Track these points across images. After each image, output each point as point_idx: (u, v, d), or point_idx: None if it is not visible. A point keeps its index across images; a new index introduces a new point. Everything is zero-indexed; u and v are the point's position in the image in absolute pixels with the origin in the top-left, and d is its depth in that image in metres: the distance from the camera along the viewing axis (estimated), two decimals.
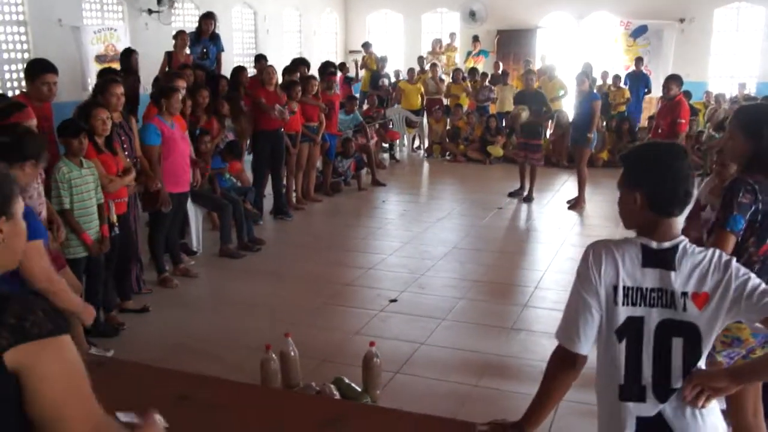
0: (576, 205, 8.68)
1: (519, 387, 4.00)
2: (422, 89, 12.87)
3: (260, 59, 9.28)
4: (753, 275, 1.90)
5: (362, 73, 13.75)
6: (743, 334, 2.74)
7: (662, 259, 1.91)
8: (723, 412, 2.64)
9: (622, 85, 12.69)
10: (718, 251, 1.94)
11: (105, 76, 6.11)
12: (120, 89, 5.11)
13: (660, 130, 7.54)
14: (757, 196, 2.62)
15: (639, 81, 12.63)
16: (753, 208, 2.63)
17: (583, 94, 8.72)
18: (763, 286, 1.87)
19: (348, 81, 12.75)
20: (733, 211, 2.62)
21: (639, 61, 12.83)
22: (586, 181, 8.76)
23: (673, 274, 1.89)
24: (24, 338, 1.31)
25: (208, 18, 8.75)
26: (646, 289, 1.91)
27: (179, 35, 8.37)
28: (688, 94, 9.28)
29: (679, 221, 1.98)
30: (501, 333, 4.88)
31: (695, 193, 2.32)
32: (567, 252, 6.74)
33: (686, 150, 1.99)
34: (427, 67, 13.31)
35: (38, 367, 1.32)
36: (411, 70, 13.05)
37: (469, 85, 12.97)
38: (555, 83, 12.04)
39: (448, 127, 12.67)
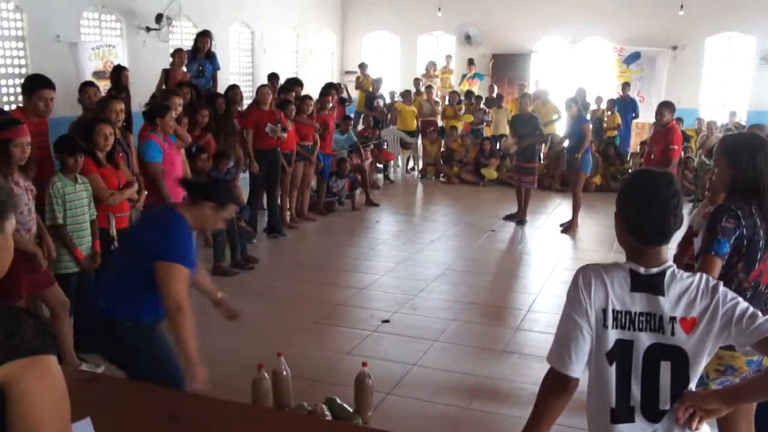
0: (569, 228, 8.71)
1: (511, 410, 3.99)
2: (416, 111, 12.94)
3: (272, 78, 9.33)
4: (741, 300, 1.92)
5: (356, 94, 13.81)
6: (737, 362, 2.75)
7: (650, 284, 1.93)
8: None
9: (603, 109, 12.86)
10: (705, 276, 1.96)
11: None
12: (120, 105, 5.16)
13: (652, 156, 7.58)
14: (740, 221, 2.68)
15: (627, 106, 12.79)
16: (737, 233, 2.68)
17: (573, 119, 8.80)
18: (751, 310, 1.89)
19: (342, 102, 12.82)
20: (717, 235, 2.67)
21: (626, 86, 12.99)
22: (580, 206, 8.79)
23: (661, 298, 1.91)
24: (14, 355, 1.29)
25: (204, 36, 8.80)
26: (635, 313, 1.92)
27: (177, 53, 8.41)
28: (679, 121, 9.36)
29: (665, 248, 1.99)
30: (493, 356, 4.87)
31: (686, 219, 2.33)
32: (560, 275, 6.75)
33: (672, 179, 1.98)
34: (422, 89, 13.39)
35: (22, 385, 1.30)
36: (408, 92, 13.12)
37: (463, 107, 13.05)
38: (549, 107, 12.13)
39: (442, 149, 12.73)
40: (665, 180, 1.96)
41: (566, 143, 9.79)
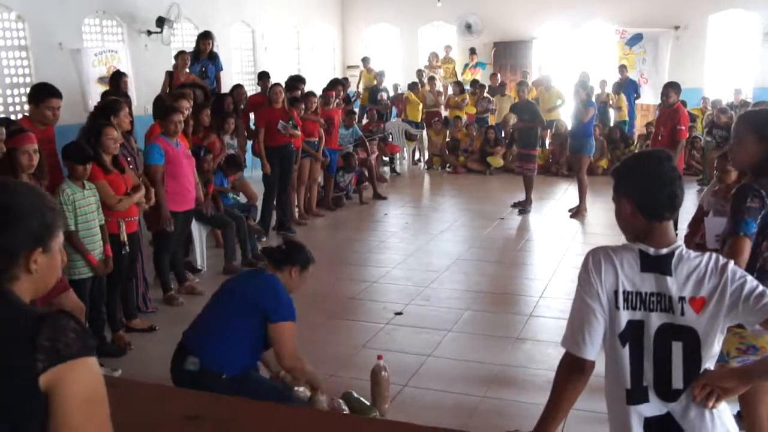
0: (577, 213, 8.71)
1: (527, 397, 3.99)
2: (421, 102, 12.92)
3: (263, 77, 9.34)
4: (749, 278, 1.92)
5: (361, 87, 13.81)
6: (759, 341, 2.72)
7: (659, 265, 1.94)
8: (736, 416, 2.62)
9: (611, 93, 12.80)
10: (714, 255, 1.96)
11: (107, 98, 6.16)
12: (126, 110, 5.18)
13: (660, 138, 7.53)
14: (764, 201, 2.62)
15: (627, 88, 12.73)
16: (762, 212, 2.62)
17: (580, 104, 8.78)
18: (760, 288, 1.88)
19: (348, 100, 12.83)
20: (744, 216, 2.61)
21: (623, 68, 12.94)
22: (587, 189, 8.79)
23: (669, 279, 1.92)
24: (58, 360, 1.33)
25: (205, 38, 8.80)
26: (645, 293, 1.93)
27: (180, 55, 8.42)
28: (683, 102, 9.30)
29: (672, 228, 2.00)
30: (507, 343, 4.87)
31: (696, 199, 2.31)
32: (570, 260, 6.74)
33: (669, 155, 2.03)
34: (425, 80, 13.36)
35: (64, 387, 1.33)
36: (414, 83, 13.11)
37: (467, 97, 13.02)
38: (552, 93, 12.09)
39: (447, 139, 12.71)
40: (664, 156, 2.02)
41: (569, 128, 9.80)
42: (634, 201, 2.00)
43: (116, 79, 7.61)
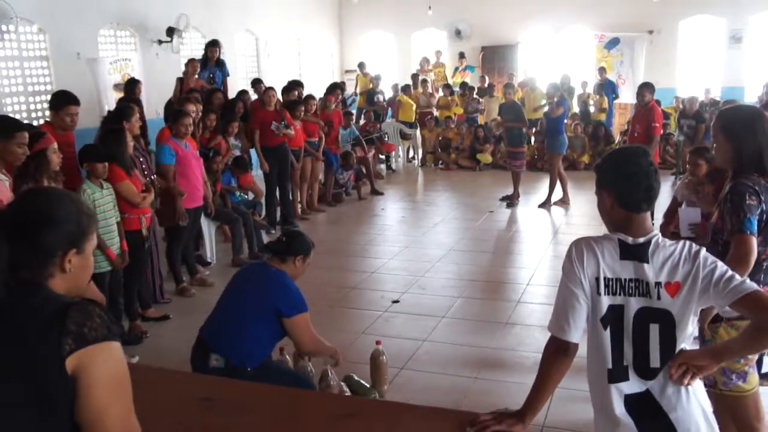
0: (560, 201, 8.88)
1: (516, 377, 4.01)
2: (414, 104, 12.91)
3: (257, 83, 9.31)
4: (720, 263, 1.93)
5: (358, 90, 13.79)
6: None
7: (637, 253, 1.95)
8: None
9: (592, 93, 12.81)
10: (687, 243, 1.97)
11: (122, 103, 6.13)
12: (138, 116, 5.17)
13: (636, 134, 7.54)
14: (760, 197, 2.54)
15: (607, 88, 12.75)
16: (759, 209, 2.53)
17: (552, 104, 8.87)
18: (729, 273, 1.89)
19: (344, 102, 12.81)
20: (746, 214, 2.51)
21: (602, 71, 12.95)
22: (566, 182, 8.96)
23: (646, 266, 1.93)
24: (84, 343, 1.34)
25: (213, 46, 8.77)
26: (625, 279, 1.94)
27: (190, 62, 8.38)
28: (658, 101, 9.29)
29: (650, 219, 2.01)
30: (497, 328, 4.88)
31: (670, 192, 2.29)
32: (555, 250, 6.76)
33: (646, 151, 2.03)
34: (419, 82, 13.34)
35: (90, 369, 1.35)
36: (408, 86, 13.10)
37: (456, 98, 13.03)
38: (537, 94, 12.06)
39: (440, 138, 12.70)
40: (641, 152, 2.03)
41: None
42: (614, 194, 2.00)
43: (131, 86, 7.57)
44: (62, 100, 4.78)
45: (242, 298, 3.33)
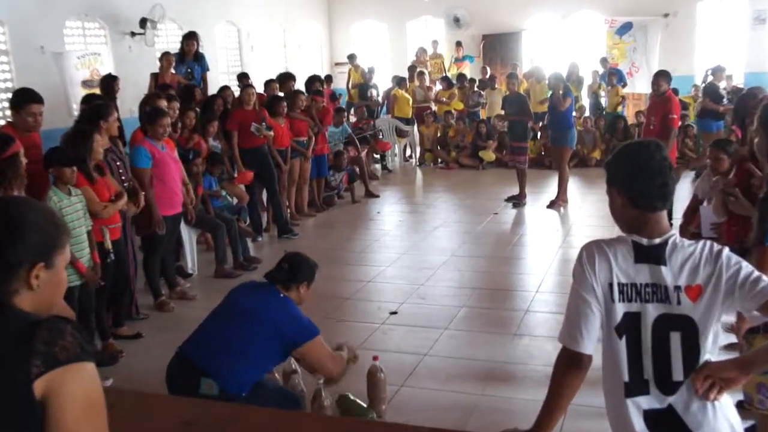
0: (555, 203, 8.81)
1: (525, 393, 4.00)
2: (411, 98, 12.92)
3: (242, 78, 9.32)
4: (745, 263, 1.91)
5: (350, 84, 13.79)
6: None
7: (653, 255, 1.94)
8: (738, 405, 2.59)
9: (600, 82, 12.83)
10: (708, 243, 1.96)
11: (91, 101, 6.12)
12: (116, 115, 5.15)
13: (651, 127, 7.55)
14: None
15: (613, 78, 12.75)
16: None
17: (556, 96, 8.86)
18: (756, 274, 1.88)
19: (334, 96, 12.82)
20: None
21: (604, 61, 12.98)
22: (567, 180, 8.96)
23: (664, 268, 1.92)
24: (55, 364, 1.32)
25: (190, 38, 8.77)
26: (640, 284, 1.93)
27: (164, 56, 8.38)
28: (675, 90, 9.32)
29: (666, 217, 2.00)
30: (504, 340, 4.88)
31: (690, 189, 2.26)
32: (566, 254, 6.76)
33: (660, 145, 2.01)
34: (415, 75, 13.35)
35: (61, 393, 1.33)
36: (403, 79, 13.09)
37: (456, 91, 13.03)
38: (543, 85, 12.08)
39: (438, 134, 12.71)
40: (655, 146, 2.00)
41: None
42: (625, 192, 2.00)
43: (109, 83, 7.50)
44: (24, 99, 4.77)
45: (245, 323, 3.26)
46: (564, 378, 2.02)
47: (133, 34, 9.92)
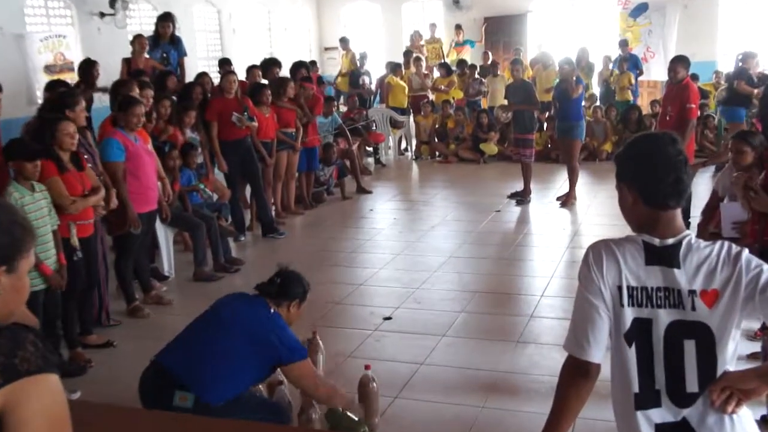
0: (567, 201, 8.81)
1: (530, 406, 4.01)
2: (406, 86, 12.92)
3: (222, 64, 9.31)
4: (766, 267, 1.91)
5: (337, 70, 13.79)
6: None
7: (666, 257, 1.94)
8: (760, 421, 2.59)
9: (612, 68, 12.83)
10: (726, 244, 1.96)
11: (55, 89, 6.08)
12: (83, 104, 5.12)
13: (668, 117, 7.56)
14: None
15: (630, 64, 12.76)
16: None
17: (566, 82, 8.85)
18: None
19: (321, 81, 12.82)
20: None
21: (624, 44, 12.98)
22: (578, 176, 8.98)
23: (677, 271, 1.92)
24: (14, 376, 1.32)
25: (165, 20, 8.74)
26: (651, 288, 1.94)
27: (136, 39, 8.36)
28: (695, 77, 9.35)
29: (680, 215, 2.00)
30: (507, 348, 4.89)
31: (710, 184, 2.28)
32: (574, 255, 6.78)
33: (674, 137, 2.02)
34: (411, 60, 13.35)
35: (22, 407, 1.33)
36: (398, 65, 13.09)
37: (455, 78, 13.03)
38: (550, 72, 12.09)
39: (437, 125, 12.72)
40: (668, 138, 2.00)
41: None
42: (636, 189, 2.00)
43: (87, 68, 7.45)
44: None
45: (229, 334, 3.31)
46: (570, 389, 2.03)
47: (102, 14, 9.90)
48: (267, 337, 3.29)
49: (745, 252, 1.94)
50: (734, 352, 1.95)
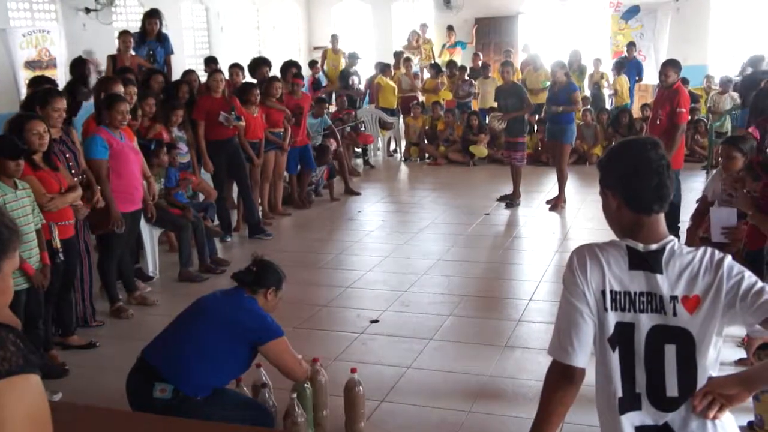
0: (556, 204, 8.85)
1: (517, 411, 4.04)
2: (396, 87, 12.93)
3: (210, 63, 9.29)
4: (748, 273, 1.94)
5: (325, 69, 13.78)
6: None
7: (649, 262, 1.97)
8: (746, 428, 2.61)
9: (609, 72, 12.86)
10: (709, 250, 1.98)
11: (38, 85, 6.04)
12: (63, 103, 5.03)
13: (658, 122, 7.59)
14: None
15: (631, 68, 12.79)
16: None
17: (559, 86, 8.89)
18: (759, 285, 1.90)
19: (318, 85, 12.83)
20: None
21: (631, 46, 12.98)
22: (567, 179, 9.02)
23: (659, 277, 1.95)
24: None
25: (152, 17, 8.71)
26: (634, 293, 1.96)
27: (122, 36, 8.32)
28: (685, 81, 9.40)
29: (662, 219, 2.03)
30: (494, 352, 4.91)
31: (700, 189, 2.30)
32: (563, 259, 6.80)
33: (657, 142, 2.05)
34: (401, 61, 13.36)
35: (1, 408, 1.32)
36: (387, 66, 13.09)
37: (445, 80, 13.04)
38: (540, 74, 12.13)
39: (426, 127, 12.73)
40: (651, 143, 2.04)
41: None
42: (620, 194, 2.03)
43: (78, 66, 7.37)
44: None
45: (207, 322, 3.42)
46: (554, 394, 2.04)
47: (87, 10, 9.85)
48: (237, 317, 3.41)
49: (728, 259, 1.96)
50: (716, 359, 1.98)
